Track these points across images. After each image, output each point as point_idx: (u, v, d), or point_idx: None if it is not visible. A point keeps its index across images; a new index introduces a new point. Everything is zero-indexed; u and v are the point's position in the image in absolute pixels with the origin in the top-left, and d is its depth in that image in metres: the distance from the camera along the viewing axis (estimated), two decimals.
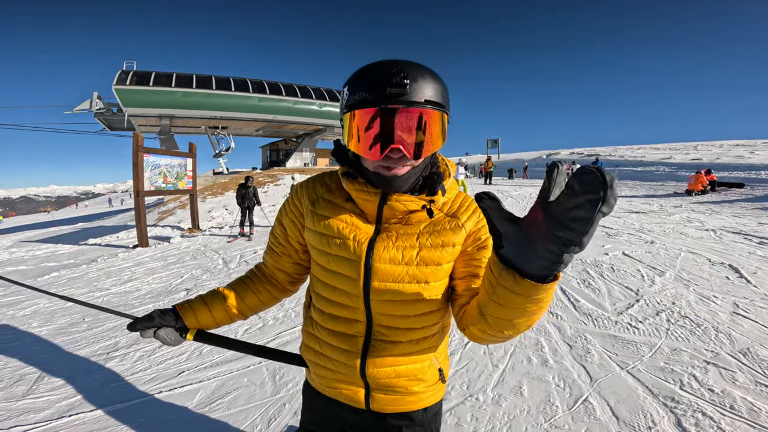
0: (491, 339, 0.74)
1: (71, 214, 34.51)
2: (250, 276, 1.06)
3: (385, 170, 0.75)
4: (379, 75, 0.68)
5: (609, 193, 0.41)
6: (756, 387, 2.17)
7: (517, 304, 0.60)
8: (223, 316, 1.01)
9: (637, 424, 1.93)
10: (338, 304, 0.87)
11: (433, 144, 0.73)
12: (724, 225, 6.89)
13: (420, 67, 0.71)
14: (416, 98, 0.68)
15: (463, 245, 0.84)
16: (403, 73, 0.67)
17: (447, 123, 0.75)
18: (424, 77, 0.70)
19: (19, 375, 2.63)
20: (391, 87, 0.67)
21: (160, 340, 0.96)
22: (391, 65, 0.69)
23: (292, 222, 0.94)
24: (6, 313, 3.94)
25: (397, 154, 0.71)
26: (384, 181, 0.77)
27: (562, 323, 3.09)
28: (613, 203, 0.43)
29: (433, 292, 0.84)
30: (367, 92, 0.69)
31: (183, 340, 0.98)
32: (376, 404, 0.90)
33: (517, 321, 0.64)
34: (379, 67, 0.70)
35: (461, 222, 0.84)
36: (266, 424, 2.05)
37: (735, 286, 3.76)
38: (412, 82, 0.68)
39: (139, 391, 2.39)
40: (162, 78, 21.52)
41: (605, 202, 0.42)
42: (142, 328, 0.96)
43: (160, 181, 8.43)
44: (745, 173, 15.28)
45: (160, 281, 5.12)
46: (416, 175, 0.79)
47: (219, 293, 1.02)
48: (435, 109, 0.71)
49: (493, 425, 1.98)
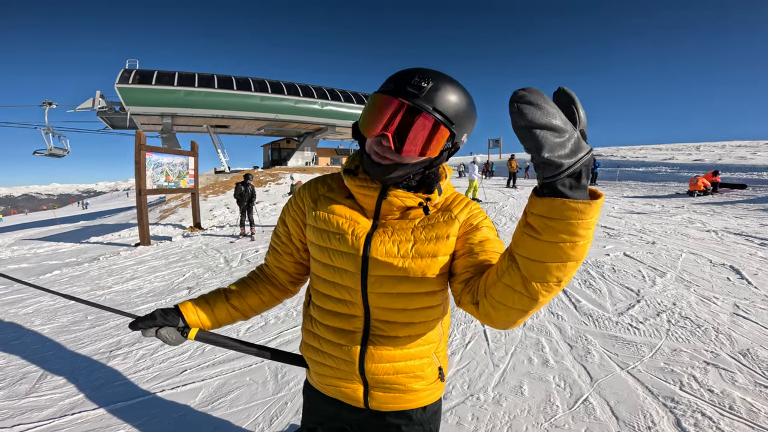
0: (506, 304, 0.68)
1: (72, 213, 34.61)
2: (252, 276, 1.07)
3: (375, 155, 0.79)
4: (408, 74, 0.74)
5: (515, 105, 0.50)
6: (755, 388, 2.17)
7: (550, 234, 0.57)
8: (225, 316, 1.02)
9: (636, 424, 1.93)
10: (337, 299, 0.89)
11: (417, 147, 0.75)
12: (725, 226, 6.88)
13: (451, 81, 0.76)
14: (426, 103, 0.72)
15: (459, 223, 0.86)
16: (427, 79, 0.72)
17: (449, 140, 0.77)
18: (448, 91, 0.74)
19: (21, 373, 2.65)
20: (411, 87, 0.72)
21: (161, 339, 0.97)
22: (423, 71, 0.74)
23: (294, 220, 0.96)
24: (8, 312, 3.97)
25: (386, 142, 0.75)
26: (372, 165, 0.81)
27: (563, 323, 3.10)
28: (524, 112, 0.50)
29: (429, 285, 0.85)
30: (393, 84, 0.75)
31: (184, 340, 0.98)
32: (375, 402, 0.91)
33: (551, 265, 0.59)
34: (414, 69, 0.75)
35: (454, 214, 0.86)
36: (268, 422, 2.07)
37: (736, 287, 3.76)
38: (432, 90, 0.73)
39: (141, 390, 2.41)
40: (164, 77, 21.57)
41: (515, 113, 0.50)
42: (144, 327, 0.96)
43: (162, 179, 8.45)
44: (747, 174, 15.25)
45: (162, 280, 5.14)
46: (401, 173, 0.81)
47: (221, 293, 1.03)
48: (439, 120, 0.73)
49: (494, 425, 1.99)
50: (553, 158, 0.51)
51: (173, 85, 21.38)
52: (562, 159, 0.52)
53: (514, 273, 0.64)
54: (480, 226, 0.86)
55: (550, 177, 0.53)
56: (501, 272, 0.67)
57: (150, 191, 8.02)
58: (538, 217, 0.57)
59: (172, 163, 8.73)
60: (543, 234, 0.57)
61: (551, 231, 0.56)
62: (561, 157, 0.52)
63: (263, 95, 23.66)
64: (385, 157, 0.78)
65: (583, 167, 0.54)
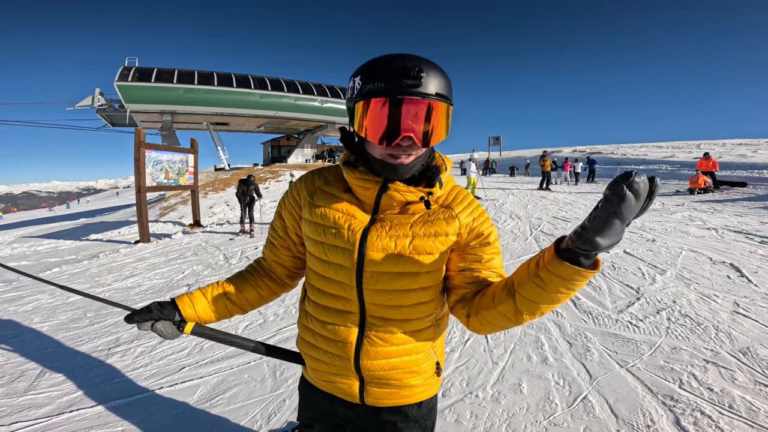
0: (495, 325, 0.82)
1: (72, 210, 34.61)
2: (249, 270, 1.06)
3: (391, 158, 0.78)
4: (395, 67, 0.72)
5: (623, 189, 0.55)
6: (755, 386, 2.17)
7: (554, 287, 0.69)
8: (222, 310, 1.01)
9: (636, 422, 1.93)
10: (332, 295, 0.88)
11: (440, 134, 0.76)
12: (726, 224, 6.86)
13: (429, 61, 0.75)
14: (428, 91, 0.72)
15: (458, 237, 0.85)
16: (419, 67, 0.71)
17: (451, 115, 0.79)
18: (435, 71, 0.74)
19: (20, 371, 2.65)
20: (408, 79, 0.71)
21: (157, 333, 0.95)
22: (407, 59, 0.73)
23: (290, 214, 0.95)
24: (7, 309, 3.97)
25: (408, 142, 0.75)
26: (390, 169, 0.80)
27: (562, 321, 3.09)
28: (626, 202, 0.55)
29: (425, 281, 0.85)
30: (383, 82, 0.72)
31: (180, 334, 0.97)
32: (371, 398, 0.91)
33: (543, 306, 0.73)
34: (395, 60, 0.73)
35: (455, 213, 0.86)
36: (266, 419, 2.06)
37: (736, 285, 3.75)
38: (426, 75, 0.72)
39: (140, 387, 2.41)
40: (164, 74, 21.50)
41: (619, 196, 0.55)
42: (140, 320, 0.94)
43: (161, 176, 8.44)
44: (747, 172, 15.20)
45: (162, 277, 5.14)
46: (419, 164, 0.82)
47: (218, 287, 1.02)
48: (443, 102, 0.74)
49: (493, 422, 1.98)
50: (603, 243, 0.59)
51: (173, 83, 21.31)
52: (606, 244, 0.59)
53: (510, 305, 0.77)
54: (488, 240, 0.88)
55: (583, 250, 0.62)
56: (498, 302, 0.79)
57: (150, 188, 8.02)
58: (551, 274, 0.68)
59: (171, 161, 8.72)
60: (548, 286, 0.69)
61: (556, 285, 0.68)
62: (607, 243, 0.59)
63: (263, 92, 23.58)
64: (409, 155, 0.78)
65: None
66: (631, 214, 0.56)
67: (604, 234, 0.58)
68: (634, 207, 0.56)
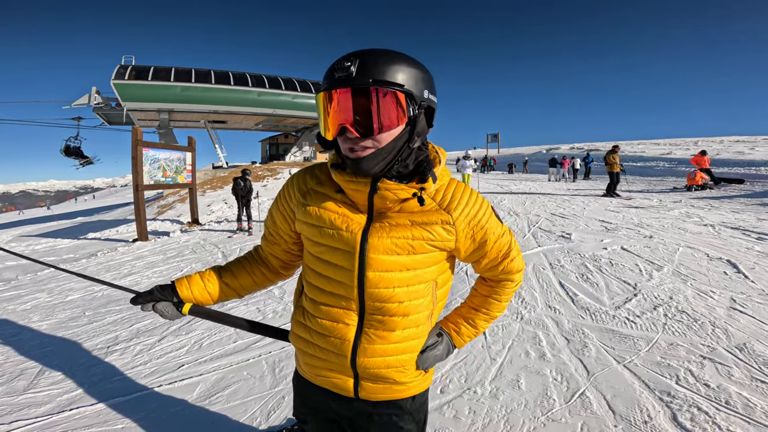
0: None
1: (70, 209, 34.50)
2: (247, 257, 1.09)
3: (351, 152, 0.76)
4: (333, 64, 0.73)
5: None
6: (752, 382, 2.18)
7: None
8: (217, 292, 1.05)
9: (633, 418, 1.94)
10: (331, 293, 0.88)
11: (384, 121, 0.73)
12: (723, 220, 6.89)
13: (373, 51, 0.73)
14: (362, 80, 0.71)
15: (458, 236, 0.86)
16: (350, 59, 0.72)
17: (411, 102, 0.75)
18: (375, 61, 0.72)
19: (19, 370, 2.65)
20: (338, 72, 0.72)
21: (158, 313, 1.01)
22: (345, 55, 0.73)
23: (281, 215, 0.96)
24: (6, 308, 3.96)
25: (350, 134, 0.74)
26: (353, 164, 0.77)
27: (560, 317, 3.11)
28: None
29: (424, 279, 0.86)
30: (325, 80, 0.75)
31: (180, 314, 1.03)
32: (365, 392, 0.92)
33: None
34: (340, 58, 0.74)
35: (453, 217, 0.85)
36: (265, 416, 2.07)
37: (733, 281, 3.77)
38: (361, 66, 0.71)
39: (139, 385, 2.41)
40: (161, 72, 21.39)
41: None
42: (143, 301, 1.01)
43: (159, 175, 8.42)
44: (745, 169, 15.26)
45: (160, 275, 5.13)
46: (386, 156, 0.77)
47: (216, 270, 1.06)
48: (385, 87, 0.71)
49: (491, 418, 1.99)
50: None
51: (170, 81, 21.20)
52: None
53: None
54: (486, 238, 0.90)
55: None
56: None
57: (147, 187, 7.99)
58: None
59: (169, 159, 8.69)
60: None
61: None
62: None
63: (261, 90, 23.50)
64: (363, 147, 0.75)
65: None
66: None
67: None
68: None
